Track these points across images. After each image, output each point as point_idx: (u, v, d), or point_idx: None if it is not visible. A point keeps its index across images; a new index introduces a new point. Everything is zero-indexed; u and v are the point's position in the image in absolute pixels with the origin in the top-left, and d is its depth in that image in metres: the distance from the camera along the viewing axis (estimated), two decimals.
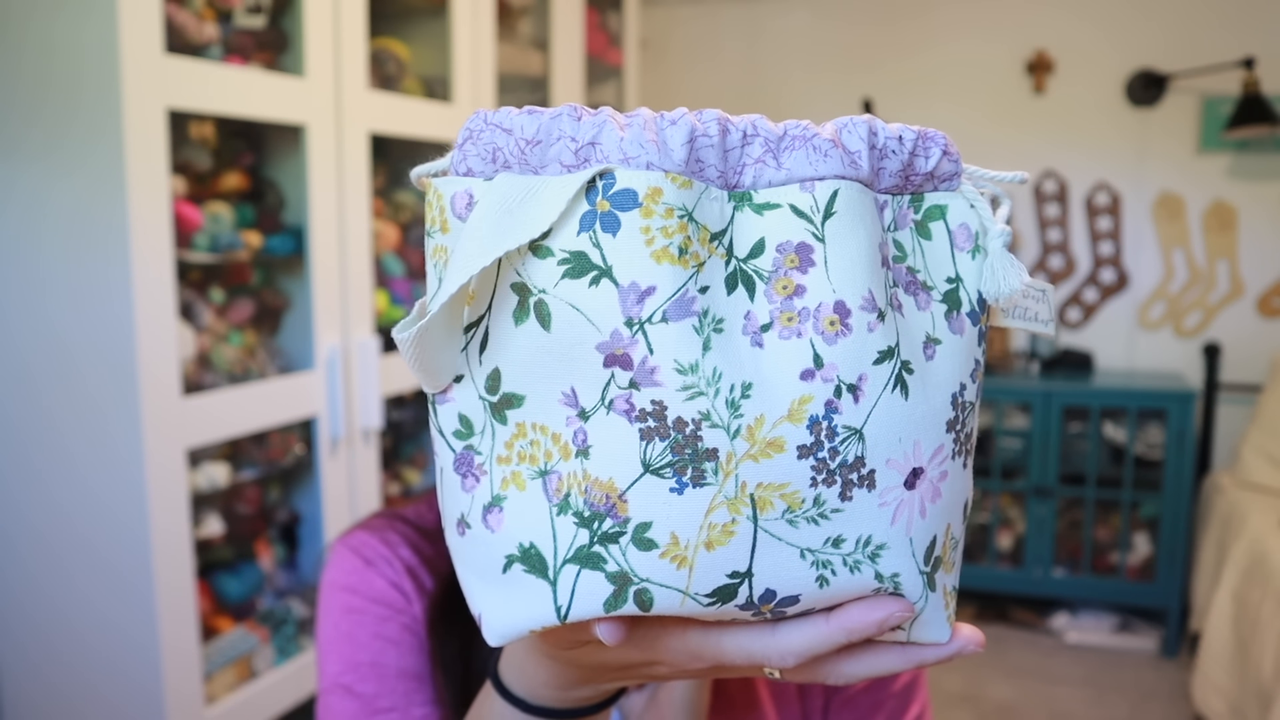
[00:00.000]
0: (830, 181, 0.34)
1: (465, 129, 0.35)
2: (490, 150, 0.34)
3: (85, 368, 1.36)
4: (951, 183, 0.38)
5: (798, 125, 0.35)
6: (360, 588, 0.67)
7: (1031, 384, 2.99)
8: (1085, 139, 3.18)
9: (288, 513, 1.75)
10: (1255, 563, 2.35)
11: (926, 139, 0.37)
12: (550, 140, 0.33)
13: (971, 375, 0.38)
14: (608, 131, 0.33)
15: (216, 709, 1.49)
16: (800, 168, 0.34)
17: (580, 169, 0.33)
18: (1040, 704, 2.64)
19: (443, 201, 0.35)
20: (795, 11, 3.41)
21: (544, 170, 0.33)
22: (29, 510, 1.45)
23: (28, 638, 1.48)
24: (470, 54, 1.98)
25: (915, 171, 0.37)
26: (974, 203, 0.38)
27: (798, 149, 0.34)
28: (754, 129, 0.34)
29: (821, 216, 0.34)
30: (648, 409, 0.33)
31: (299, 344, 1.67)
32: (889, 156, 0.36)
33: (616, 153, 0.33)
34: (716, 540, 0.34)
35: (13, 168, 1.37)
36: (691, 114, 0.33)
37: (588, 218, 0.32)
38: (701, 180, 0.33)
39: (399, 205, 1.93)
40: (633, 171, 0.32)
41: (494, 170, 0.34)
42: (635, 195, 0.32)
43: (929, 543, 0.37)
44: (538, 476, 0.34)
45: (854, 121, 0.35)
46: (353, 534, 0.71)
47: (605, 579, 0.34)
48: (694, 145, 0.33)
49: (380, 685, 0.64)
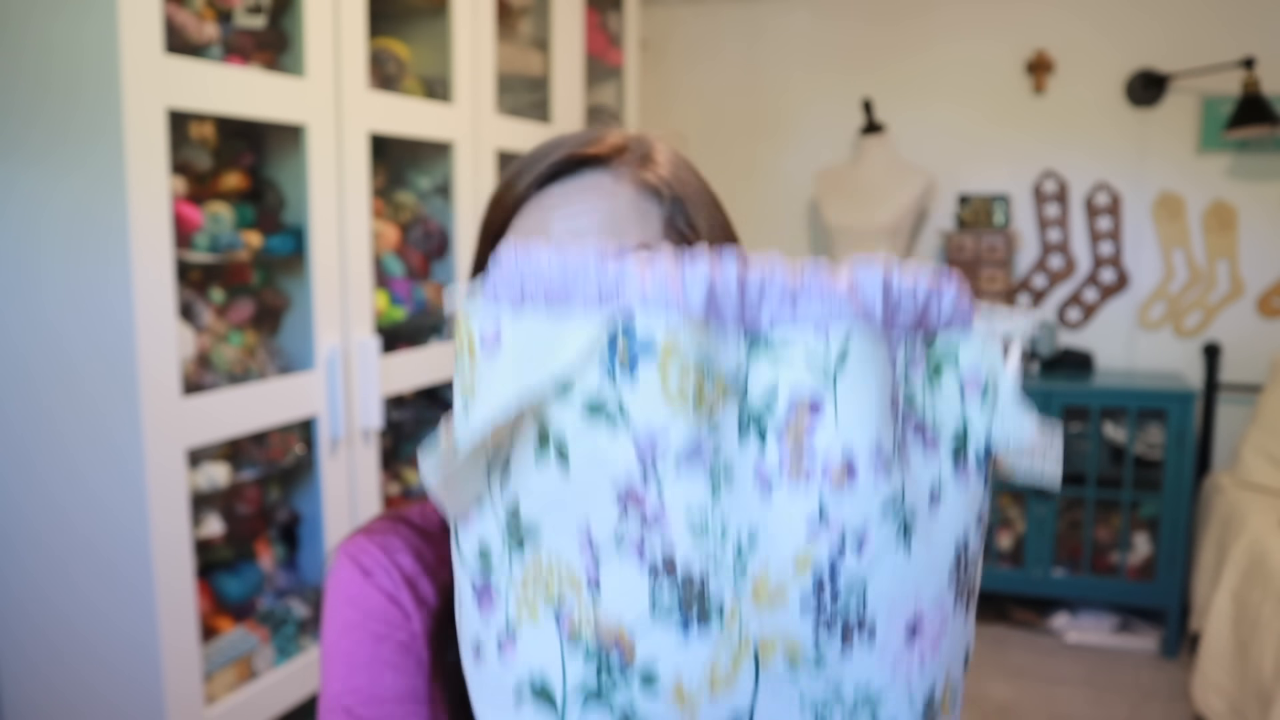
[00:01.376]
0: (843, 329, 0.34)
1: (496, 262, 0.36)
2: (518, 286, 0.35)
3: (85, 368, 1.36)
4: (965, 325, 0.38)
5: (815, 273, 0.35)
6: (358, 600, 0.67)
7: (1031, 384, 2.99)
8: (1085, 139, 3.18)
9: (288, 513, 1.75)
10: (1255, 563, 2.35)
11: (940, 288, 0.37)
12: (576, 282, 0.34)
13: (976, 524, 0.38)
14: (630, 278, 0.33)
15: (216, 709, 1.49)
16: (815, 315, 0.34)
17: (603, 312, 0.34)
18: (1040, 704, 2.64)
19: (471, 332, 0.36)
20: (795, 11, 3.41)
21: (569, 308, 0.34)
22: (29, 510, 1.45)
23: (28, 638, 1.48)
24: (470, 54, 1.98)
25: (929, 317, 0.37)
26: (986, 346, 0.38)
27: (814, 298, 0.34)
28: (771, 279, 0.34)
29: (834, 365, 0.34)
30: (658, 552, 0.34)
31: (299, 344, 1.67)
32: (903, 305, 0.36)
33: (638, 296, 0.33)
34: (719, 685, 0.34)
35: (13, 168, 1.37)
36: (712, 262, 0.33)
37: (608, 363, 0.33)
38: (720, 323, 0.34)
39: (399, 205, 1.93)
40: (652, 320, 0.33)
41: (521, 303, 0.35)
42: (654, 344, 0.33)
43: (928, 692, 0.37)
44: (550, 608, 0.35)
45: (869, 273, 0.35)
46: (354, 539, 0.71)
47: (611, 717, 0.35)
48: (712, 294, 0.33)
49: (379, 710, 0.65)
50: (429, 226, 1.98)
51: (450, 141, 1.94)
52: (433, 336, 2.02)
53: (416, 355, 1.89)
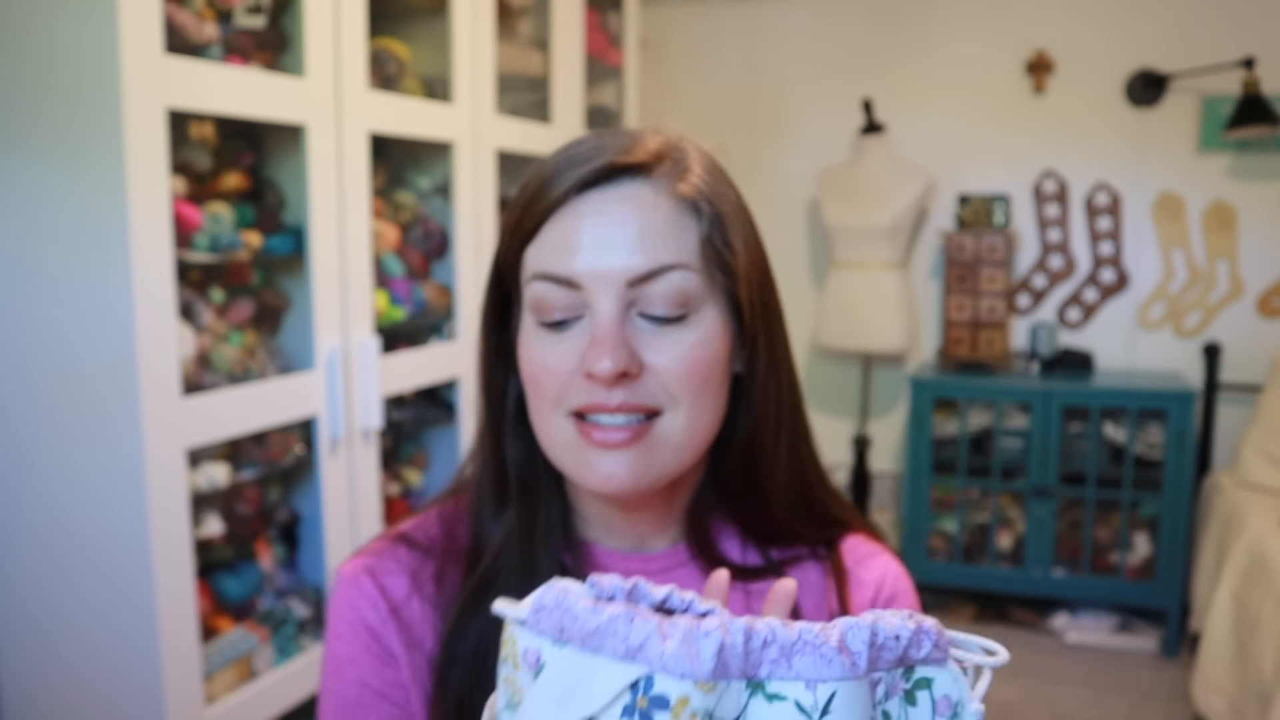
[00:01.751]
0: (831, 684, 0.41)
1: (539, 599, 0.43)
2: (558, 626, 0.42)
3: (85, 368, 1.36)
4: (941, 662, 0.45)
5: (810, 631, 0.42)
6: (347, 637, 0.68)
7: (1031, 384, 2.99)
8: (1085, 139, 3.18)
9: (288, 513, 1.75)
10: (1255, 563, 2.35)
11: (920, 634, 0.44)
12: (606, 635, 0.41)
13: None
14: (653, 641, 0.40)
15: (216, 709, 1.49)
16: (807, 670, 0.41)
17: (629, 663, 0.41)
18: (1040, 704, 2.64)
19: (517, 646, 0.43)
20: (795, 11, 3.41)
21: (599, 654, 0.41)
22: (29, 510, 1.45)
23: (28, 637, 1.48)
24: (470, 54, 1.98)
25: (909, 657, 0.44)
26: (956, 678, 0.45)
27: (807, 654, 0.41)
28: (772, 635, 0.41)
29: (819, 715, 0.41)
30: None
31: (299, 344, 1.67)
32: (886, 650, 0.43)
33: (658, 660, 0.40)
34: None
35: (13, 168, 1.37)
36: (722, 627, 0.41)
37: (629, 709, 0.40)
38: (725, 679, 0.41)
39: (399, 205, 1.93)
40: (669, 679, 0.40)
41: (561, 640, 0.42)
42: (668, 700, 0.40)
43: None
44: None
45: (858, 625, 0.43)
46: (350, 564, 0.71)
47: None
48: (721, 656, 0.40)
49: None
50: (429, 226, 1.98)
51: (450, 141, 1.94)
52: (433, 336, 2.02)
53: (416, 355, 1.89)
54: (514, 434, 0.69)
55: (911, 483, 3.11)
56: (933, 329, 3.40)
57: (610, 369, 0.58)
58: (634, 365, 0.60)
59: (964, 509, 3.12)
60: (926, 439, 3.07)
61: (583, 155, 0.62)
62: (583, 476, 0.63)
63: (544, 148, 2.25)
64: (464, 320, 2.02)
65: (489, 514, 0.70)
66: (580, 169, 0.61)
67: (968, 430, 3.07)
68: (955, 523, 3.12)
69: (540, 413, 0.64)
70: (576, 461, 0.63)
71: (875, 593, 0.72)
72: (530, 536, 0.68)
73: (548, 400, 0.63)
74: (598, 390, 0.60)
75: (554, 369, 0.62)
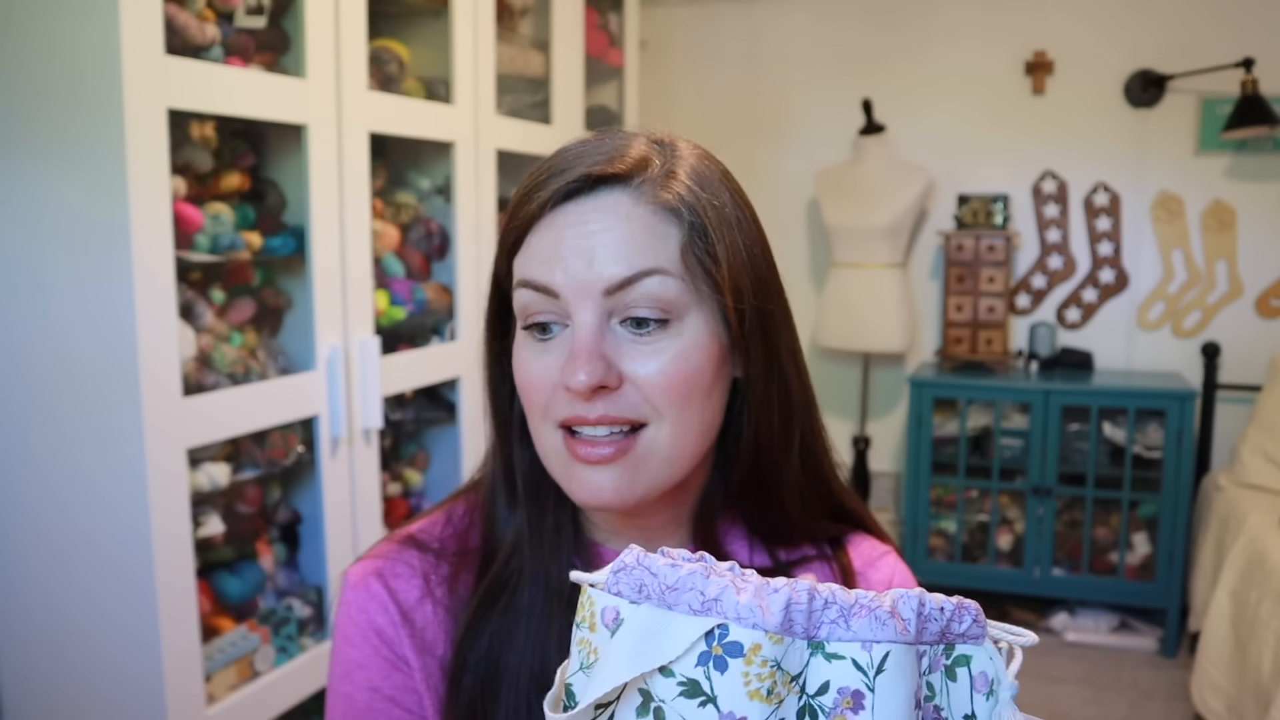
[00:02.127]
0: (884, 645, 0.45)
1: (620, 561, 0.46)
2: (638, 584, 0.46)
3: (86, 368, 1.36)
4: (979, 638, 0.48)
5: (866, 596, 0.46)
6: (357, 642, 0.67)
7: (1031, 384, 2.99)
8: (1084, 139, 3.19)
9: (288, 512, 1.75)
10: (1254, 562, 2.35)
11: (962, 609, 0.48)
12: (684, 589, 0.45)
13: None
14: (728, 594, 0.44)
15: (217, 709, 1.49)
16: (864, 631, 0.45)
17: (704, 615, 0.44)
18: (1039, 703, 2.64)
19: (595, 608, 0.46)
20: (795, 11, 3.41)
21: (676, 608, 0.45)
22: (30, 509, 1.45)
23: (29, 637, 1.49)
24: (470, 54, 1.98)
25: (950, 631, 0.48)
26: (993, 655, 0.48)
27: (864, 616, 0.46)
28: (833, 597, 0.46)
29: (874, 672, 0.45)
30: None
31: (299, 344, 1.68)
32: (931, 621, 0.47)
33: (733, 610, 0.44)
34: None
35: (14, 168, 1.37)
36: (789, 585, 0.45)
37: (704, 656, 0.43)
38: (790, 635, 0.45)
39: (399, 205, 1.93)
40: (742, 628, 0.44)
41: (639, 598, 0.45)
42: (741, 647, 0.43)
43: None
44: None
45: (908, 595, 0.47)
46: (358, 567, 0.70)
47: None
48: (789, 611, 0.44)
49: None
50: (429, 227, 1.98)
51: (450, 142, 1.94)
52: (433, 337, 2.02)
53: (417, 355, 1.89)
54: (520, 439, 0.69)
55: (911, 482, 3.11)
56: (932, 329, 3.40)
57: (585, 382, 0.58)
58: (611, 378, 0.60)
59: (963, 509, 3.12)
60: (926, 439, 3.07)
61: (563, 165, 0.62)
62: (571, 490, 0.63)
63: (544, 148, 2.25)
64: (464, 320, 2.02)
65: (501, 517, 0.70)
66: (557, 181, 0.61)
67: (967, 430, 3.08)
68: (955, 522, 3.12)
69: (532, 423, 0.64)
70: (565, 475, 0.63)
71: None
72: (540, 540, 0.68)
73: (537, 411, 0.63)
74: (578, 403, 0.60)
75: (539, 381, 0.62)
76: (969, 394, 3.06)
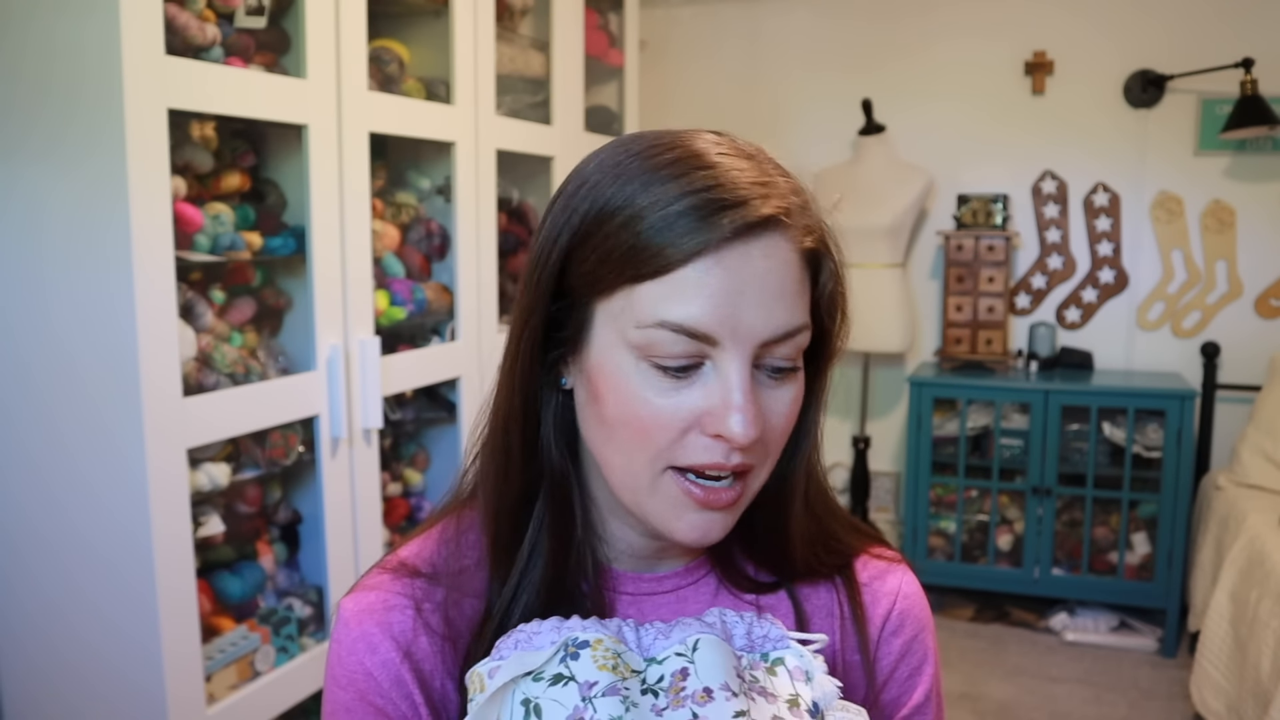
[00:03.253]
0: (695, 634, 0.57)
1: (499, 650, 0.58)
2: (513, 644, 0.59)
3: (86, 368, 1.36)
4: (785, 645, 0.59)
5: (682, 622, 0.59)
6: (344, 682, 0.65)
7: (1030, 384, 3.00)
8: (1084, 139, 3.19)
9: (288, 512, 1.75)
10: (1253, 562, 2.35)
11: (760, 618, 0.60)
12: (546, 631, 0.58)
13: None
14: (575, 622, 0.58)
15: (217, 708, 1.50)
16: (680, 637, 0.57)
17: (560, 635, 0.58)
18: (1039, 703, 2.64)
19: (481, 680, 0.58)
20: (795, 11, 3.41)
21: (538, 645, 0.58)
22: (30, 509, 1.45)
23: (28, 637, 1.49)
24: (470, 54, 1.98)
25: (753, 640, 0.59)
26: (802, 654, 0.59)
27: (676, 630, 0.58)
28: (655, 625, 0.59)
29: (691, 651, 0.56)
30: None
31: (300, 344, 1.68)
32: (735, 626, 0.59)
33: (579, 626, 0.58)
34: None
35: (14, 168, 1.37)
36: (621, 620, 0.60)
37: (562, 656, 0.56)
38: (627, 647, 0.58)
39: (399, 205, 1.93)
40: (587, 634, 0.57)
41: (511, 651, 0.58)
42: (588, 643, 0.56)
43: None
44: None
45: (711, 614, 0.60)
46: (350, 600, 0.67)
47: None
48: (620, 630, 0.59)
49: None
50: (429, 227, 1.98)
51: (450, 142, 1.94)
52: (433, 337, 2.02)
53: (417, 355, 1.90)
54: (555, 456, 0.65)
55: (911, 482, 3.11)
56: (932, 329, 3.40)
57: (750, 435, 0.56)
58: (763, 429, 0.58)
59: (963, 509, 3.12)
60: (926, 439, 3.07)
61: (723, 197, 0.56)
62: (673, 529, 0.60)
63: (544, 148, 2.25)
64: (464, 320, 2.02)
65: (507, 536, 0.65)
66: (733, 214, 0.55)
67: (967, 430, 3.08)
68: (954, 522, 3.12)
69: (627, 455, 0.59)
70: (670, 515, 0.60)
71: (890, 606, 0.71)
72: (562, 560, 0.65)
73: (646, 450, 0.58)
74: (718, 449, 0.57)
75: (666, 422, 0.57)
76: (969, 394, 3.06)
